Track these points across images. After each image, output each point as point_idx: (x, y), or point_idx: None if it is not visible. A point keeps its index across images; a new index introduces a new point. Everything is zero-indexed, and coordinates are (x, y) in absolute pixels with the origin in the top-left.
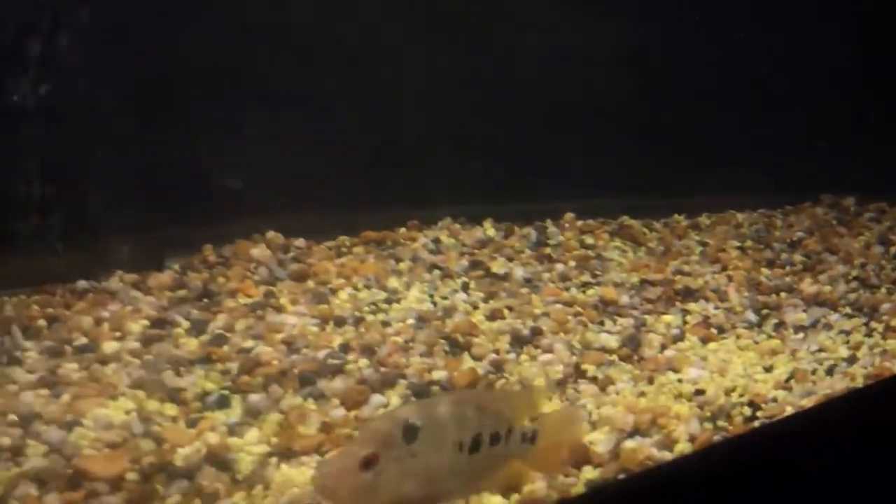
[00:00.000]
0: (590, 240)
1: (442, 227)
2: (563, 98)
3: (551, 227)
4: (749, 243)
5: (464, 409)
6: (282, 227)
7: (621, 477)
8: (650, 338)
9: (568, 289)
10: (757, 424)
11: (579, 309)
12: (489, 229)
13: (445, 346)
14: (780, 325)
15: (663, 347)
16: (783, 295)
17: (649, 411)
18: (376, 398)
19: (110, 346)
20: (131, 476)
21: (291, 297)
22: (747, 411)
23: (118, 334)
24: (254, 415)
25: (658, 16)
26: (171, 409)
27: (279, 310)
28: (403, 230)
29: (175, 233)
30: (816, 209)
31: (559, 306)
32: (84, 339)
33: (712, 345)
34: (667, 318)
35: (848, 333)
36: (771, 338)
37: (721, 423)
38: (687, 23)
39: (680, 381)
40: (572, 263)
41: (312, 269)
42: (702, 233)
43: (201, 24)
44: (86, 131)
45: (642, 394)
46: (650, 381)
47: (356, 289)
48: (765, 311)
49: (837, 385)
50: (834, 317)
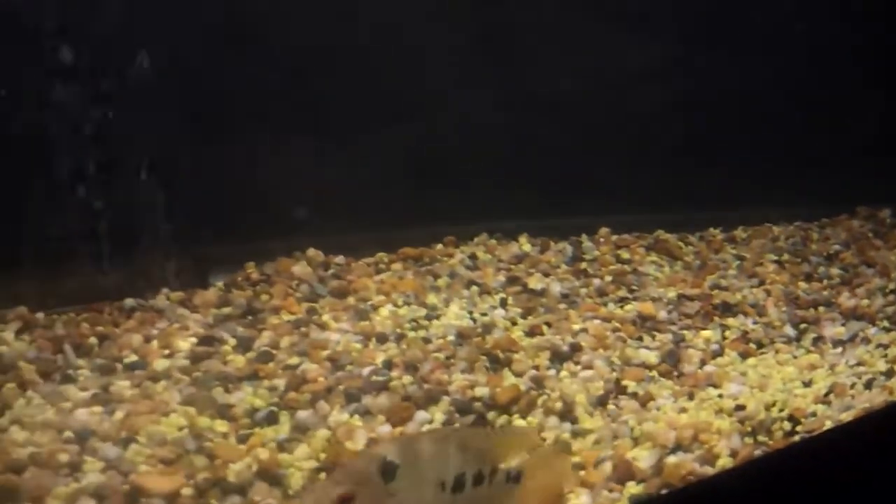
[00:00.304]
0: (625, 254)
1: (478, 242)
2: (596, 113)
3: (587, 242)
4: (786, 257)
5: (446, 447)
6: (321, 244)
7: (664, 492)
8: (689, 353)
9: (605, 304)
10: (797, 439)
11: (617, 324)
12: (525, 244)
13: (486, 362)
14: (819, 339)
15: (703, 363)
16: (821, 309)
17: (691, 427)
18: (421, 414)
19: (160, 364)
20: (186, 492)
21: (334, 314)
22: (787, 426)
23: (167, 352)
24: (302, 431)
25: (691, 30)
26: (221, 426)
27: (322, 327)
28: (440, 246)
29: (218, 251)
30: (852, 221)
31: (597, 322)
32: (134, 357)
33: (751, 360)
34: (706, 333)
35: (886, 347)
36: (809, 352)
37: (761, 438)
38: (720, 36)
39: (720, 396)
40: (609, 278)
41: (352, 286)
42: (738, 246)
43: (248, 49)
44: (133, 153)
45: (683, 409)
46: (691, 396)
47: (396, 305)
48: (803, 326)
49: (876, 399)
50: (872, 330)
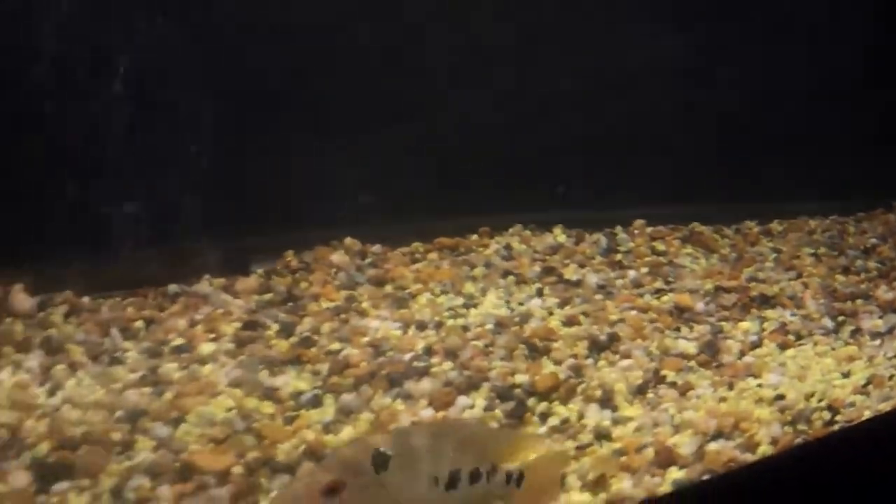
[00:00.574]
0: (661, 246)
1: (512, 233)
2: (632, 104)
3: (621, 234)
4: (823, 250)
5: (442, 441)
6: (357, 233)
7: (706, 477)
8: (728, 344)
9: (642, 295)
10: (836, 428)
11: (654, 315)
12: (559, 235)
13: (524, 350)
14: (857, 331)
15: (742, 354)
16: (859, 302)
17: (731, 415)
18: (462, 400)
19: (206, 347)
20: (237, 470)
21: (372, 302)
22: (826, 415)
23: (212, 335)
24: (346, 414)
25: (724, 19)
26: (268, 408)
27: (362, 314)
28: (475, 237)
29: (257, 240)
30: (889, 216)
31: (634, 312)
32: (180, 340)
33: (790, 351)
34: (744, 324)
35: None
36: (848, 344)
37: (801, 427)
38: (757, 26)
39: (760, 386)
40: (644, 270)
41: (390, 275)
42: (774, 239)
43: (285, 41)
44: (178, 144)
45: (723, 399)
46: (730, 386)
47: (434, 294)
48: (841, 318)
49: None
50: None
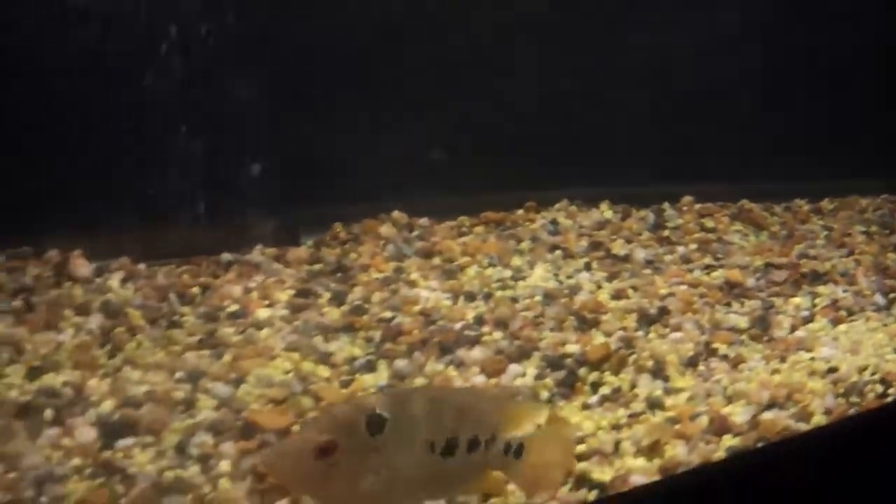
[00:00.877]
0: (709, 223)
1: (559, 209)
2: (680, 81)
3: (669, 210)
4: (874, 228)
5: (441, 406)
6: (404, 207)
7: (761, 445)
8: (779, 319)
9: (691, 271)
10: (889, 401)
11: (704, 290)
12: (606, 211)
13: (574, 322)
14: None
15: (793, 328)
16: None
17: (784, 386)
18: (514, 367)
19: (262, 313)
20: (297, 429)
21: (421, 273)
22: (879, 388)
23: (267, 302)
24: (400, 379)
25: None
26: (323, 371)
27: (411, 284)
28: (521, 212)
29: (306, 211)
30: None
31: (684, 287)
32: (235, 307)
33: (842, 326)
34: (795, 300)
35: None
36: None
37: (854, 399)
38: (809, 5)
39: (812, 359)
40: (693, 246)
41: (437, 247)
42: (825, 217)
43: (339, 15)
44: (233, 119)
45: (775, 371)
46: (782, 359)
47: (482, 266)
48: (892, 295)
49: None
50: None
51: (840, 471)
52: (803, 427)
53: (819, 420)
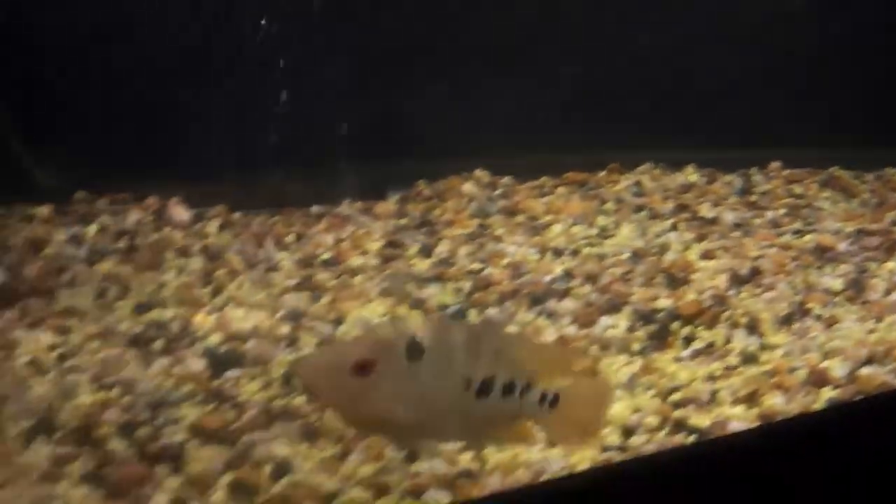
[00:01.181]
0: (798, 189)
1: (642, 171)
2: (772, 44)
3: (756, 175)
4: None
5: (481, 344)
6: (486, 166)
7: (859, 398)
8: (874, 283)
9: (781, 234)
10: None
11: (796, 254)
12: (691, 175)
13: (663, 279)
14: None
15: (888, 292)
16: None
17: (882, 344)
18: (605, 320)
19: (355, 261)
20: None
21: (506, 229)
22: None
23: (358, 251)
24: None
25: None
26: (416, 317)
27: (497, 239)
28: (604, 173)
29: (391, 168)
30: None
31: (775, 250)
32: (329, 254)
33: None
34: (889, 265)
35: None
36: None
37: None
38: None
39: None
40: (782, 211)
41: (520, 206)
42: None
43: None
44: (323, 76)
45: (872, 331)
46: (878, 319)
47: (567, 224)
48: None
49: None
50: None
51: None
52: None
53: None
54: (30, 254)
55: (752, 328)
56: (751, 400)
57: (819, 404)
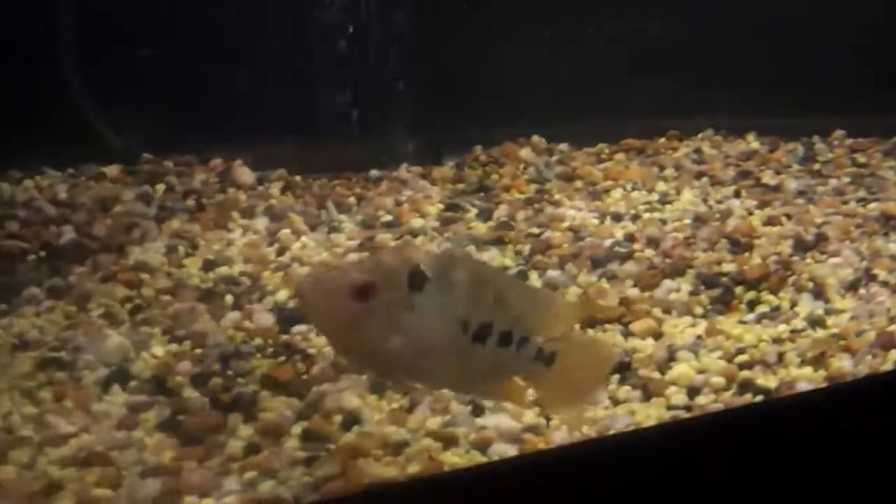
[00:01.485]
0: (861, 158)
1: (703, 138)
2: (833, 13)
3: (819, 144)
4: None
5: (483, 287)
6: (543, 132)
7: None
8: None
9: (846, 202)
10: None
11: (860, 221)
12: (753, 142)
13: (727, 244)
14: None
15: None
16: None
17: None
18: (668, 283)
19: (415, 223)
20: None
21: (565, 194)
22: None
23: (418, 214)
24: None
25: None
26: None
27: (556, 204)
28: (662, 140)
29: (448, 134)
30: None
31: (839, 217)
32: (389, 217)
33: None
34: None
35: None
36: None
37: None
38: None
39: None
40: (846, 179)
41: (577, 172)
42: None
43: None
44: (384, 43)
45: None
46: None
47: (626, 190)
48: None
49: None
50: None
51: None
52: None
53: None
54: (99, 212)
55: (818, 293)
56: (818, 362)
57: (888, 365)
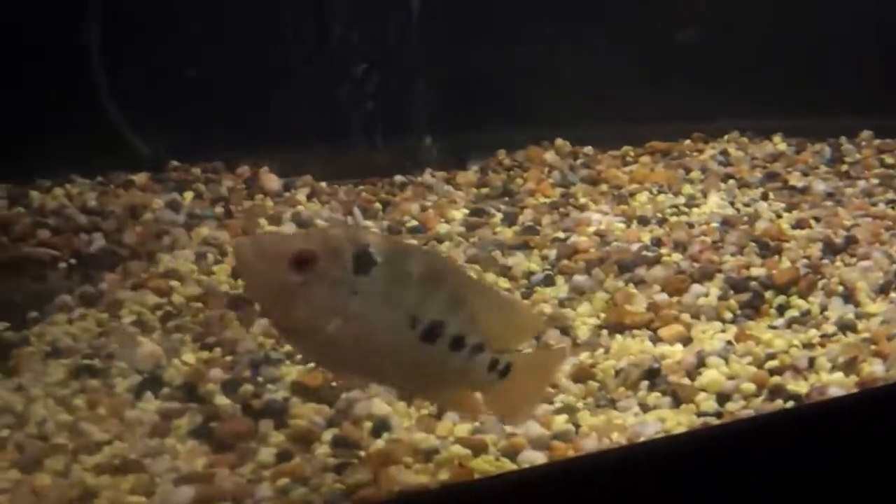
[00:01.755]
0: (889, 159)
1: (728, 140)
2: (859, 13)
3: (846, 145)
4: None
5: (438, 284)
6: (567, 135)
7: None
8: None
9: (875, 204)
10: None
11: (890, 223)
12: (779, 144)
13: (755, 248)
14: None
15: None
16: None
17: None
18: (696, 288)
19: (441, 228)
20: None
21: (590, 198)
22: None
23: (443, 219)
24: (579, 293)
25: None
26: (503, 283)
27: (581, 208)
28: (688, 142)
29: (471, 138)
30: None
31: (869, 220)
32: (415, 222)
33: None
34: None
35: None
36: None
37: None
38: None
39: None
40: (874, 181)
41: (602, 176)
42: None
43: None
44: (406, 52)
45: None
46: None
47: (652, 193)
48: None
49: None
50: None
51: None
52: None
53: None
54: (129, 219)
55: (848, 297)
56: (850, 367)
57: None
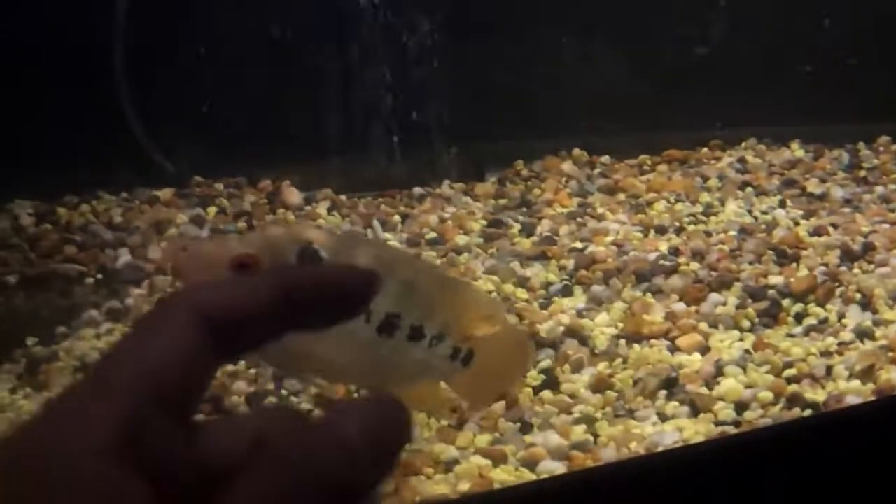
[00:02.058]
0: None
1: (746, 147)
2: (875, 17)
3: (864, 150)
4: None
5: (390, 274)
6: (584, 145)
7: None
8: None
9: (893, 210)
10: None
11: None
12: (797, 150)
13: (773, 256)
14: None
15: None
16: None
17: None
18: (714, 297)
19: (460, 240)
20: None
21: (608, 208)
22: None
23: (461, 231)
24: (597, 303)
25: None
26: (522, 294)
27: (599, 218)
28: (705, 150)
29: (488, 149)
30: None
31: (887, 226)
32: (433, 234)
33: None
34: None
35: None
36: None
37: None
38: None
39: None
40: (893, 186)
41: (620, 185)
42: None
43: None
44: (423, 64)
45: None
46: None
47: (669, 202)
48: None
49: None
50: None
51: None
52: None
53: None
54: (154, 234)
55: (866, 304)
56: (867, 374)
57: None
